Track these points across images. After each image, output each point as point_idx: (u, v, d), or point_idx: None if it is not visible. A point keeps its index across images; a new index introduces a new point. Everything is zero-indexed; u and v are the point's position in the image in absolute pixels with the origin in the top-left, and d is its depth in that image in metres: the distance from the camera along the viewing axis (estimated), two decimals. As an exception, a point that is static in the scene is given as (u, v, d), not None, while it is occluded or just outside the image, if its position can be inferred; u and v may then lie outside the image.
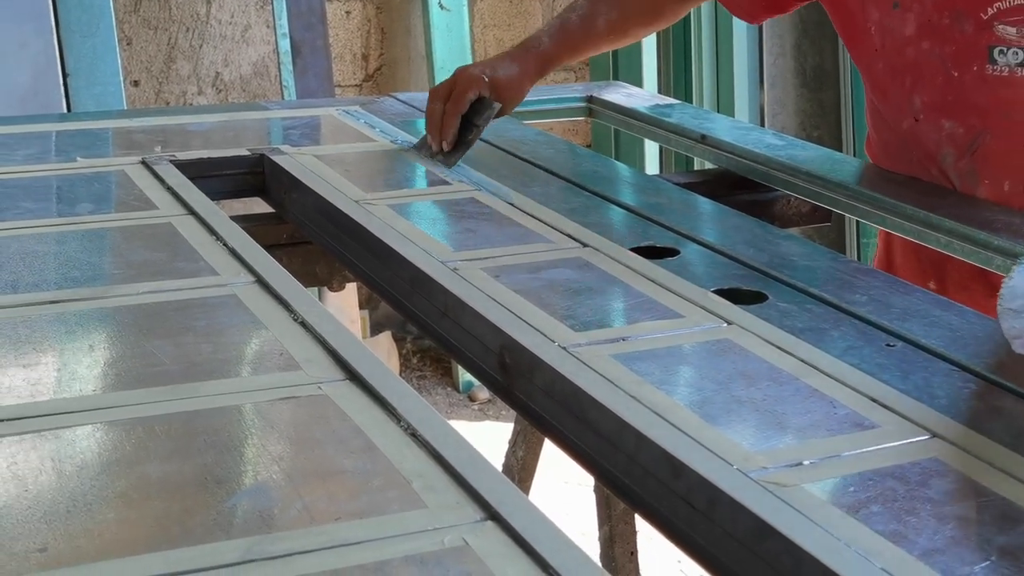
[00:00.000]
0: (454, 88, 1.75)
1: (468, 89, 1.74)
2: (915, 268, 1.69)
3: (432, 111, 1.76)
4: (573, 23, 1.82)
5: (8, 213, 1.49)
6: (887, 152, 1.72)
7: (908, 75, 1.61)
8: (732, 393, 1.08)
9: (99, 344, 1.15)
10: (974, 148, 1.57)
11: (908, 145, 1.66)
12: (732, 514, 0.90)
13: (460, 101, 1.73)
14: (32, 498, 0.88)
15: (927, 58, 1.58)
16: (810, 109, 4.16)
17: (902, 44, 1.60)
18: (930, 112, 1.60)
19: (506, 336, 1.18)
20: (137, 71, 3.75)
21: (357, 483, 0.91)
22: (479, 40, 4.13)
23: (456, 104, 1.73)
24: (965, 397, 1.09)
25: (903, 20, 1.59)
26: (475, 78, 1.75)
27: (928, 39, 1.58)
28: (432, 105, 1.76)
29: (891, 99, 1.65)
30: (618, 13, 1.82)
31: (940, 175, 1.63)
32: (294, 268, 1.56)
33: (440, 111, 1.74)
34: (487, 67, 1.77)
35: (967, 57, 1.55)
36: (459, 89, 1.74)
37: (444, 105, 1.74)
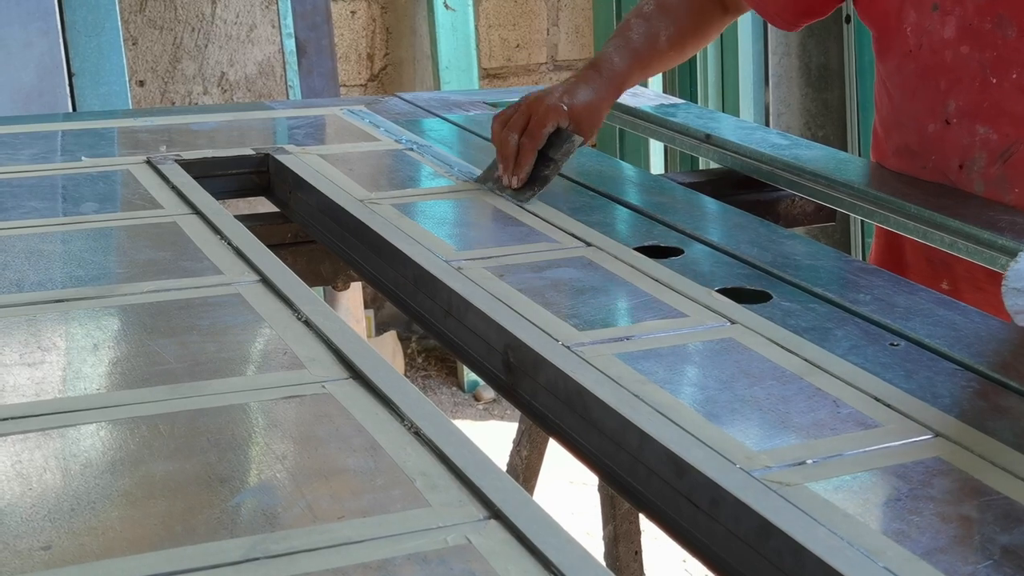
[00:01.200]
0: (531, 119, 1.61)
1: (547, 121, 1.60)
2: (925, 269, 1.67)
3: (505, 142, 1.61)
4: (637, 41, 1.73)
5: (14, 212, 1.50)
6: (899, 155, 1.70)
7: (943, 78, 1.58)
8: (736, 392, 1.08)
9: (104, 343, 1.16)
10: (1008, 156, 1.55)
11: (928, 149, 1.64)
12: (736, 513, 0.91)
13: (538, 135, 1.60)
14: (36, 496, 0.88)
15: (965, 62, 1.56)
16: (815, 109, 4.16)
17: (940, 47, 1.58)
18: (963, 117, 1.58)
19: (510, 335, 1.19)
20: (142, 71, 3.76)
21: (360, 482, 0.91)
22: (484, 40, 4.13)
23: (534, 139, 1.60)
24: (968, 396, 1.09)
25: (942, 23, 1.57)
26: (554, 108, 1.61)
27: (968, 43, 1.55)
28: (506, 136, 1.61)
29: (920, 101, 1.63)
30: (675, 29, 1.75)
31: (958, 181, 1.61)
32: (298, 267, 1.57)
33: (515, 143, 1.60)
34: (564, 94, 1.64)
35: (1007, 63, 1.52)
36: (537, 121, 1.61)
37: (519, 137, 1.60)
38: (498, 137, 1.63)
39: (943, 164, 1.63)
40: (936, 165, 1.64)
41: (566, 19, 4.27)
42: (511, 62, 4.23)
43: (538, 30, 4.25)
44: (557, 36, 4.27)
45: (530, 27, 4.23)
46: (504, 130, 1.62)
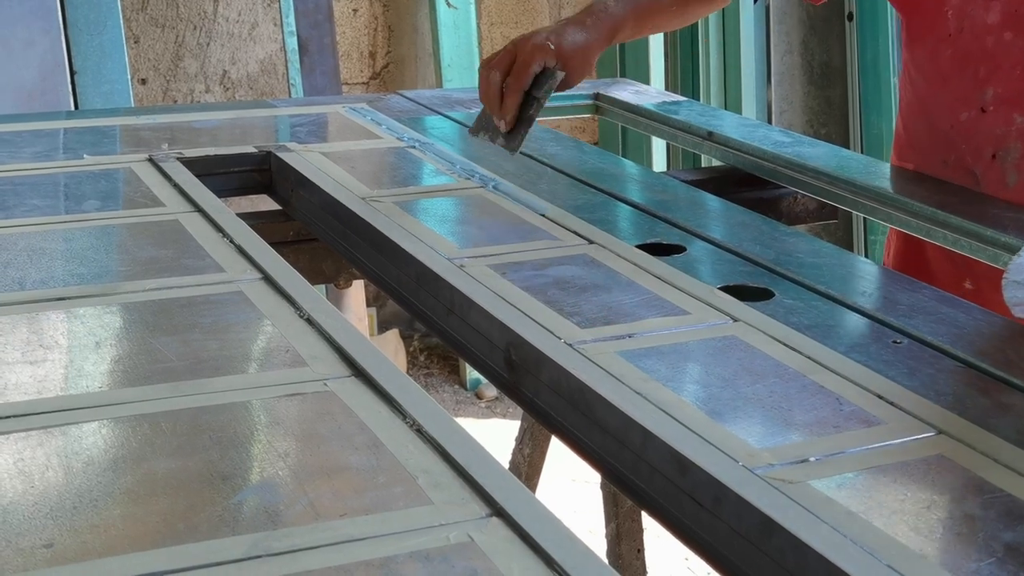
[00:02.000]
0: (516, 58, 1.54)
1: (532, 60, 1.53)
2: (948, 269, 1.66)
3: (489, 84, 1.54)
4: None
5: (16, 210, 1.50)
6: (917, 147, 1.68)
7: (983, 65, 1.56)
8: (738, 390, 1.08)
9: (106, 341, 1.16)
10: None
11: (958, 139, 1.61)
12: (738, 511, 0.90)
13: (524, 74, 1.52)
14: (39, 494, 0.88)
15: (1008, 49, 1.53)
16: (817, 106, 4.16)
17: (982, 32, 1.55)
18: (1001, 104, 1.55)
19: (512, 333, 1.18)
20: (145, 69, 3.76)
21: (363, 479, 0.91)
22: (486, 37, 4.13)
23: (519, 78, 1.52)
24: (971, 394, 1.09)
25: (987, 8, 1.54)
26: (539, 47, 1.53)
27: (1012, 29, 1.53)
28: (488, 76, 1.55)
29: (954, 88, 1.60)
30: None
31: (988, 173, 1.58)
32: (301, 265, 1.57)
33: (498, 83, 1.53)
34: (552, 34, 1.56)
35: None
36: (522, 60, 1.53)
37: (503, 78, 1.53)
38: (482, 80, 1.57)
39: (974, 154, 1.60)
40: (961, 158, 1.60)
41: (568, 17, 4.26)
42: (513, 60, 4.22)
43: (540, 28, 4.24)
44: (559, 34, 4.26)
45: (532, 25, 4.22)
46: (487, 70, 1.56)
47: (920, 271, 1.66)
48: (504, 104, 1.54)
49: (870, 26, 3.96)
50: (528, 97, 1.55)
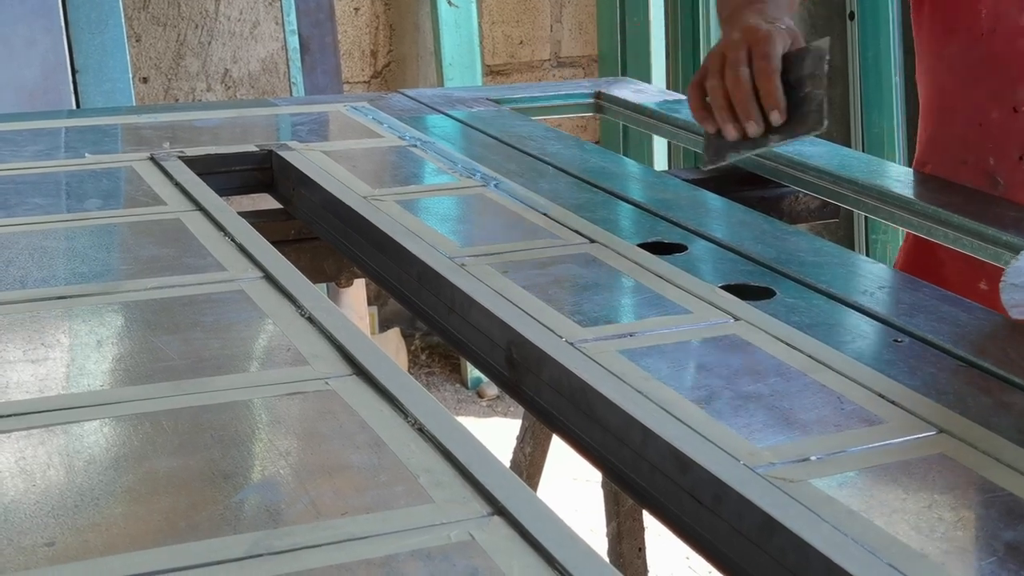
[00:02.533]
0: (754, 50, 1.35)
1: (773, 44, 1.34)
2: (962, 268, 1.64)
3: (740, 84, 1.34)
4: None
5: (17, 209, 1.50)
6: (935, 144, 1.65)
7: (1015, 65, 1.54)
8: (739, 389, 1.08)
9: (107, 339, 1.16)
10: None
11: (981, 139, 1.58)
12: (739, 510, 0.90)
13: (774, 57, 1.33)
14: (40, 493, 0.88)
15: None
16: (819, 105, 4.15)
17: (1015, 34, 1.53)
18: None
19: (513, 332, 1.19)
20: (146, 68, 3.76)
21: (364, 478, 0.91)
22: (487, 36, 4.13)
23: (771, 61, 1.32)
24: (972, 393, 1.09)
25: (1020, 9, 1.52)
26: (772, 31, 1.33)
27: None
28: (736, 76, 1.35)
29: (985, 87, 1.58)
30: None
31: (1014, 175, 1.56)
32: (302, 264, 1.57)
33: (747, 76, 1.33)
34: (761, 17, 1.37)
35: None
36: (763, 49, 1.34)
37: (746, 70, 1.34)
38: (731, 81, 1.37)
39: (998, 155, 1.57)
40: (982, 159, 1.58)
41: (569, 16, 4.27)
42: (514, 59, 4.22)
43: (541, 27, 4.24)
44: (560, 33, 4.27)
45: (533, 24, 4.23)
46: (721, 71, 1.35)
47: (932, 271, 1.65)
48: (766, 93, 1.35)
49: (871, 25, 3.96)
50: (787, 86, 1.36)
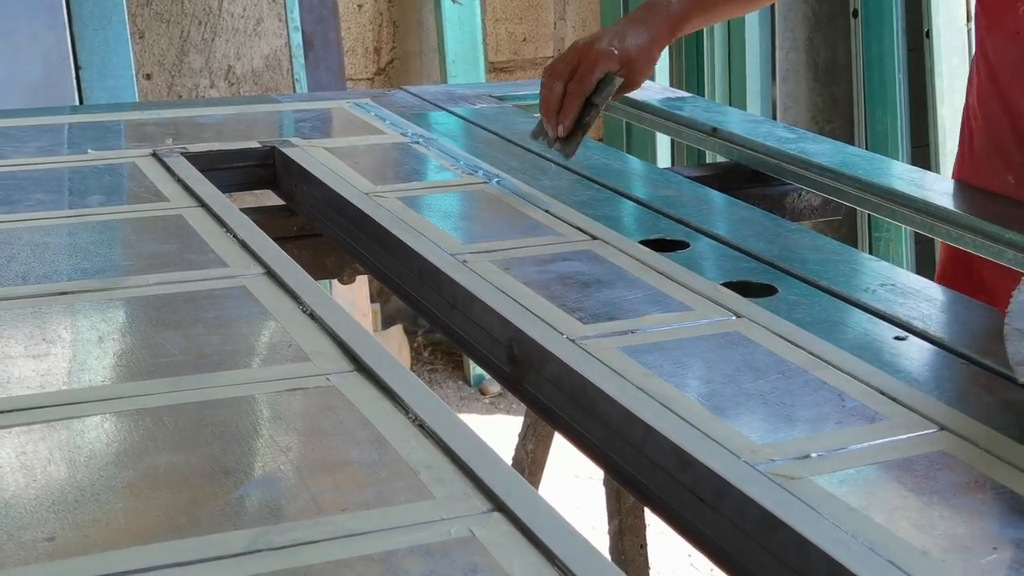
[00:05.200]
0: (579, 65, 1.54)
1: (596, 67, 1.53)
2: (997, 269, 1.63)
3: (550, 91, 1.55)
4: None
5: (20, 205, 1.50)
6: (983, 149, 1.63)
7: None
8: (741, 386, 1.08)
9: (109, 335, 1.16)
10: None
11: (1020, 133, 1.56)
12: (740, 507, 0.90)
13: (586, 81, 1.53)
14: (40, 488, 0.89)
15: None
16: (822, 103, 4.15)
17: None
18: None
19: (515, 328, 1.18)
20: (149, 64, 3.76)
21: (364, 474, 0.91)
22: (491, 33, 4.13)
23: (582, 84, 1.53)
24: (974, 390, 1.08)
25: None
26: (603, 53, 1.53)
27: None
28: (551, 84, 1.55)
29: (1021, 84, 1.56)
30: None
31: None
32: (304, 260, 1.57)
33: (560, 92, 1.53)
34: (615, 38, 1.55)
35: None
36: (585, 67, 1.53)
37: (565, 85, 1.54)
38: (543, 88, 1.56)
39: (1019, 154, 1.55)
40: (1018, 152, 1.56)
41: (573, 13, 4.27)
42: (518, 56, 4.22)
43: (545, 24, 4.24)
44: (564, 30, 4.27)
45: (537, 21, 4.22)
46: (549, 76, 1.55)
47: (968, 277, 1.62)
48: (563, 110, 1.54)
49: (875, 23, 3.95)
50: (586, 103, 1.55)
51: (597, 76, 1.54)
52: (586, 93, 1.54)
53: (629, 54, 1.56)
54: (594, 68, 1.54)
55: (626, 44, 1.56)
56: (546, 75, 1.58)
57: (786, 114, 4.13)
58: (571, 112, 1.54)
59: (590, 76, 1.53)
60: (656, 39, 1.59)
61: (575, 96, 1.53)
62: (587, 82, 1.53)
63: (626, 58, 1.55)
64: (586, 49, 1.55)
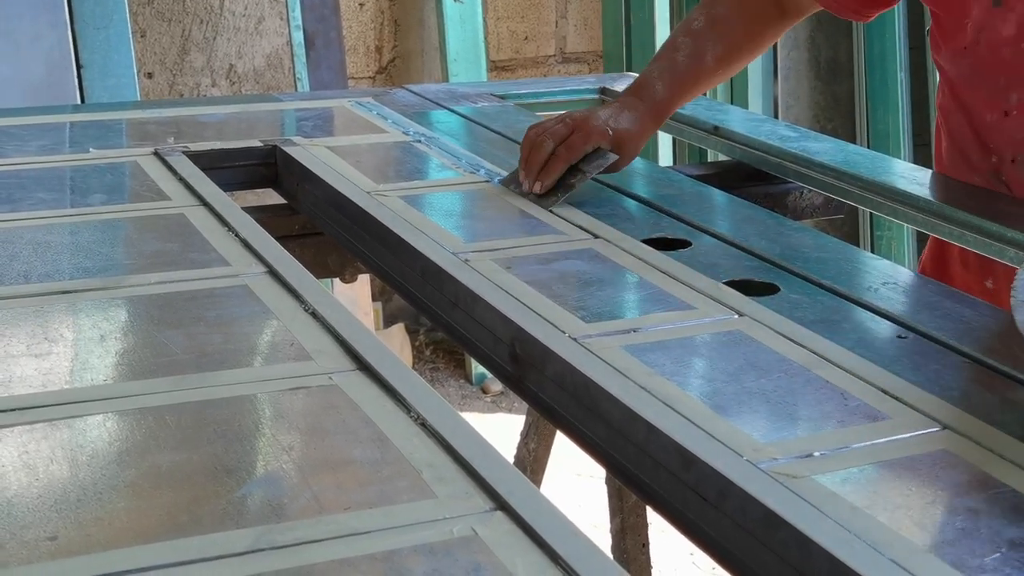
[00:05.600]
0: (572, 134, 1.59)
1: (588, 141, 1.59)
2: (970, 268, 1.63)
3: (539, 147, 1.59)
4: (682, 64, 1.69)
5: (22, 203, 1.50)
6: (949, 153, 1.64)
7: (1002, 74, 1.53)
8: (743, 384, 1.08)
9: (111, 334, 1.16)
10: None
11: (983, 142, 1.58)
12: (742, 505, 0.90)
13: (575, 150, 1.58)
14: (43, 486, 0.89)
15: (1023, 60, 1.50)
16: (824, 101, 4.15)
17: (998, 44, 1.52)
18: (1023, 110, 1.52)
19: (517, 327, 1.18)
20: (151, 63, 3.76)
21: (367, 473, 0.91)
22: (492, 32, 4.13)
23: (570, 152, 1.58)
24: (976, 389, 1.08)
25: (1004, 19, 1.51)
26: (598, 130, 1.60)
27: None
28: (541, 141, 1.59)
29: (979, 91, 1.57)
30: (724, 46, 1.70)
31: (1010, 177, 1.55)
32: (306, 259, 1.57)
33: (548, 150, 1.58)
34: (610, 118, 1.62)
35: None
36: (578, 137, 1.59)
37: (556, 147, 1.58)
38: (532, 141, 1.60)
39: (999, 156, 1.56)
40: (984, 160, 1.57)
41: (574, 11, 4.27)
42: (519, 54, 4.22)
43: (546, 22, 4.24)
44: (566, 28, 4.27)
45: (538, 19, 4.22)
46: (541, 135, 1.59)
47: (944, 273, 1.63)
48: (547, 169, 1.58)
49: (877, 22, 3.95)
50: (574, 168, 1.59)
51: (588, 149, 1.59)
52: (571, 161, 1.58)
53: (620, 135, 1.61)
54: (587, 141, 1.59)
55: (620, 125, 1.62)
56: (533, 131, 1.62)
57: (788, 112, 4.13)
58: (554, 174, 1.57)
59: (581, 148, 1.58)
60: (645, 126, 1.66)
61: (561, 160, 1.57)
62: (577, 152, 1.58)
63: (618, 139, 1.61)
64: (583, 122, 1.61)
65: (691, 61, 1.69)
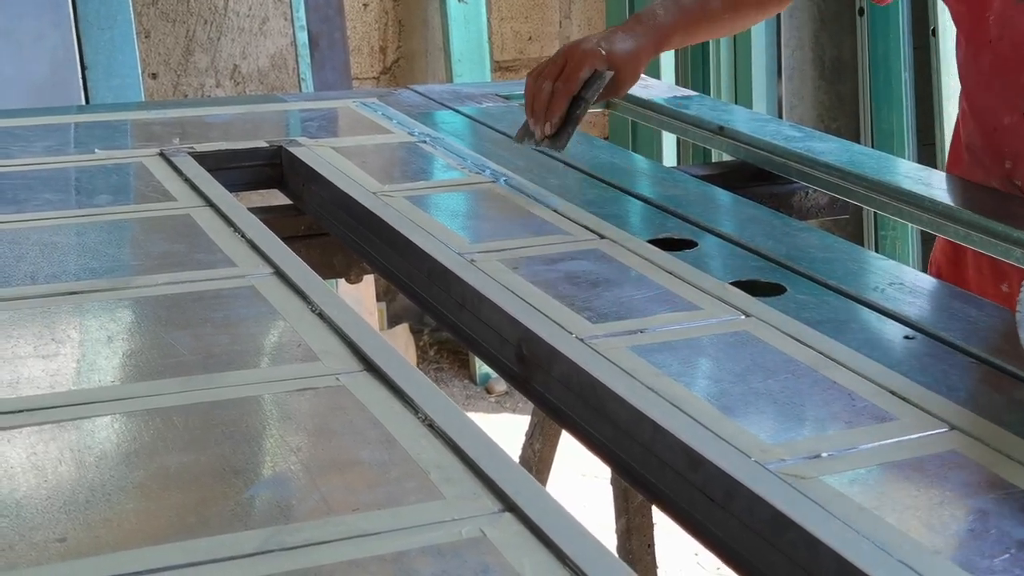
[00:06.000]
0: (566, 64, 1.57)
1: (582, 66, 1.56)
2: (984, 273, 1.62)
3: (537, 91, 1.57)
4: (687, 1, 1.66)
5: (28, 205, 1.50)
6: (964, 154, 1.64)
7: (1022, 70, 1.52)
8: (750, 385, 1.08)
9: (118, 335, 1.16)
10: None
11: (998, 143, 1.58)
12: (750, 506, 0.90)
13: (573, 79, 1.55)
14: (51, 488, 0.89)
15: None
16: (828, 101, 4.15)
17: (1021, 40, 1.51)
18: None
19: (523, 328, 1.18)
20: (155, 64, 3.76)
21: (375, 474, 0.91)
22: (496, 32, 4.13)
23: (568, 83, 1.55)
24: (984, 390, 1.08)
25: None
26: (590, 52, 1.56)
27: None
28: (537, 83, 1.58)
29: (997, 92, 1.57)
30: None
31: None
32: (312, 260, 1.56)
33: (548, 91, 1.56)
34: (602, 40, 1.59)
35: None
36: (572, 66, 1.56)
37: (553, 84, 1.56)
38: (531, 87, 1.58)
39: (1015, 159, 1.56)
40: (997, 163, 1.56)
41: (578, 11, 4.26)
42: (523, 54, 4.22)
43: (550, 22, 4.24)
44: (569, 28, 4.27)
45: (542, 19, 4.22)
46: (537, 78, 1.58)
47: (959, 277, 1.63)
48: (551, 107, 1.56)
49: (881, 21, 3.95)
50: (575, 99, 1.57)
51: (584, 75, 1.57)
52: (573, 92, 1.56)
53: (616, 55, 1.59)
54: (581, 67, 1.56)
55: (614, 46, 1.59)
56: (531, 77, 1.60)
57: (792, 112, 4.13)
58: (558, 110, 1.56)
59: (577, 75, 1.56)
60: (644, 47, 1.63)
61: (562, 95, 1.56)
62: (574, 80, 1.56)
63: (612, 59, 1.58)
64: (573, 49, 1.58)
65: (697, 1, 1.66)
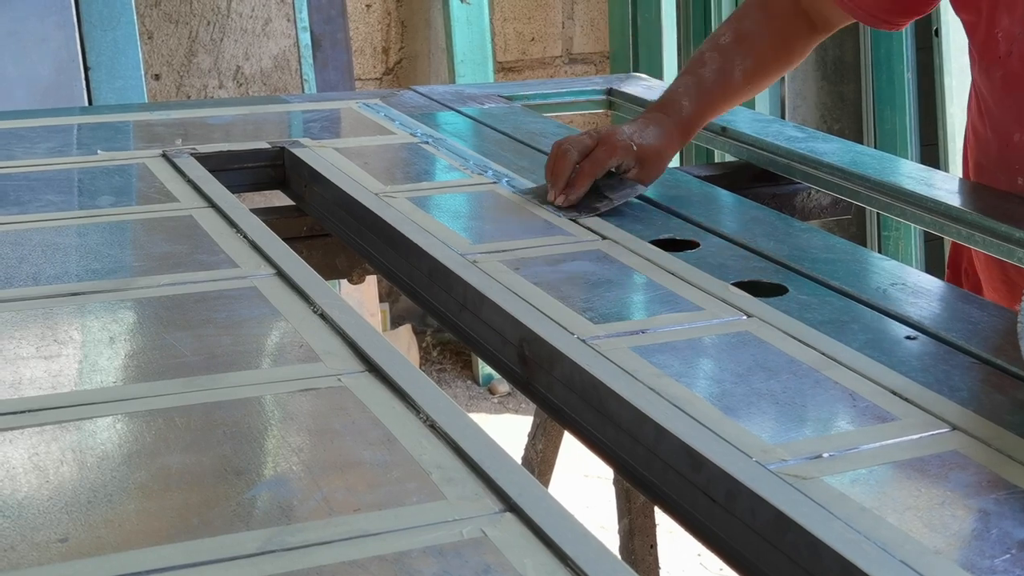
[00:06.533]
0: (596, 148, 1.56)
1: (613, 155, 1.56)
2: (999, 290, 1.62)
3: (565, 159, 1.55)
4: (709, 80, 1.66)
5: (30, 206, 1.50)
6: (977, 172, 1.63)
7: None
8: (752, 386, 1.08)
9: (120, 336, 1.16)
10: None
11: (1010, 160, 1.57)
12: (752, 507, 0.90)
13: (599, 165, 1.55)
14: (53, 489, 0.89)
15: None
16: (831, 102, 4.15)
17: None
18: None
19: (525, 329, 1.18)
20: (158, 65, 3.76)
21: (376, 475, 0.91)
22: (499, 33, 4.13)
23: (594, 166, 1.55)
24: (986, 390, 1.08)
25: None
26: (622, 145, 1.56)
27: None
28: (566, 150, 1.56)
29: (1007, 108, 1.56)
30: (752, 62, 1.67)
31: None
32: (314, 261, 1.57)
33: (574, 163, 1.55)
34: (634, 133, 1.59)
35: None
36: (604, 151, 1.56)
37: (581, 160, 1.55)
38: (557, 151, 1.57)
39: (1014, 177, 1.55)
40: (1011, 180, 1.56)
41: (581, 12, 4.27)
42: (526, 55, 4.22)
43: (553, 23, 4.24)
44: (572, 29, 4.27)
45: (545, 20, 4.22)
46: (566, 145, 1.57)
47: None
48: (573, 184, 1.54)
49: (884, 21, 3.94)
50: (599, 192, 1.56)
51: (612, 164, 1.56)
52: (595, 176, 1.55)
53: (645, 151, 1.58)
54: (611, 155, 1.55)
55: (644, 142, 1.59)
56: (560, 144, 1.58)
57: (795, 113, 4.12)
58: (580, 188, 1.54)
59: (605, 163, 1.55)
60: (670, 144, 1.63)
61: (586, 175, 1.55)
62: (600, 165, 1.55)
63: (642, 155, 1.58)
64: (607, 136, 1.58)
65: (718, 77, 1.66)
